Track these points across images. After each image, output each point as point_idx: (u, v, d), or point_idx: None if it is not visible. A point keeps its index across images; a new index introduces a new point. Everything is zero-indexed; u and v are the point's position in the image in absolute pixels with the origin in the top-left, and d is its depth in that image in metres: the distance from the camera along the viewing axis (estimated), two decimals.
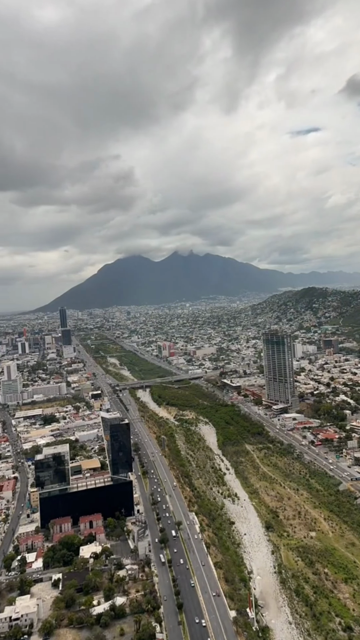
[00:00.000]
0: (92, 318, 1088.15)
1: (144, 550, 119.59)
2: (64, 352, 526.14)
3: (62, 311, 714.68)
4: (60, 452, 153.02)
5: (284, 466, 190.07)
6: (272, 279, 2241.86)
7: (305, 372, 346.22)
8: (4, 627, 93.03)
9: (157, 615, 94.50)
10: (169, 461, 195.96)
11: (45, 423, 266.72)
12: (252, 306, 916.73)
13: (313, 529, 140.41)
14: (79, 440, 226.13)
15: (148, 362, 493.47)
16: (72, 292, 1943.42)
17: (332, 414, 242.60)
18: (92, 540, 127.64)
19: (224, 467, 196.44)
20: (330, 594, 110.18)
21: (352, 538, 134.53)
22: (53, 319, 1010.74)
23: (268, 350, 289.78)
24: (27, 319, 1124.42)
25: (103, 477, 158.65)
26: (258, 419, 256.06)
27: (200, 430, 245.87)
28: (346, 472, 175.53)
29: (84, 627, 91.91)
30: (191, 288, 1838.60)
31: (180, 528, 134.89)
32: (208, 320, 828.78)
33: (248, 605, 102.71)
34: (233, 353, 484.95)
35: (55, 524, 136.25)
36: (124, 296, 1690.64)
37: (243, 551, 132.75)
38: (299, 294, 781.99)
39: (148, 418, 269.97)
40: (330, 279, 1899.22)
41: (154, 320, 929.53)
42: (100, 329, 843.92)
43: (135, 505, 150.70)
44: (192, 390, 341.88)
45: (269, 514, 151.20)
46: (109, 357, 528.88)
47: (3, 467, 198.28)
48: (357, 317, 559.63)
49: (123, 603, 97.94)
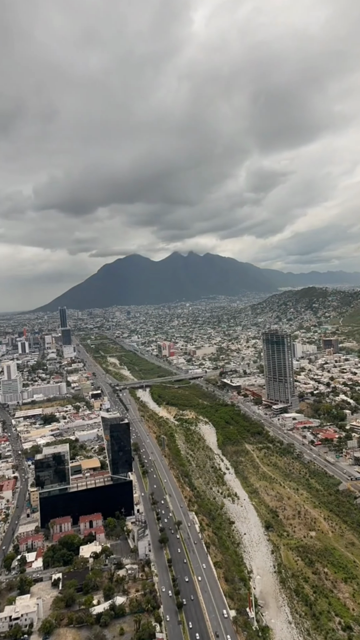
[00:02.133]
0: (92, 318, 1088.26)
1: (143, 549, 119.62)
2: (64, 352, 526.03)
3: (62, 311, 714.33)
4: (60, 452, 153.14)
5: (283, 466, 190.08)
6: (272, 278, 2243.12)
7: (305, 371, 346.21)
8: (4, 627, 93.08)
9: (157, 614, 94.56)
10: (169, 461, 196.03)
11: (45, 423, 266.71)
12: (252, 306, 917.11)
13: (313, 528, 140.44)
14: (79, 440, 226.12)
15: (148, 362, 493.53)
16: (72, 292, 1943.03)
17: (332, 414, 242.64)
18: (92, 540, 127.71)
19: (223, 466, 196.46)
20: (330, 594, 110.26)
21: (351, 538, 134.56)
22: (53, 318, 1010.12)
23: (268, 350, 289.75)
24: (27, 319, 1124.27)
25: (103, 476, 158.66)
26: (258, 418, 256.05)
27: (200, 430, 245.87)
28: (346, 472, 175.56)
29: (83, 627, 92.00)
30: (191, 288, 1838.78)
31: (180, 528, 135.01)
32: (208, 320, 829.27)
33: (248, 605, 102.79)
34: (233, 353, 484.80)
35: (55, 523, 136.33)
36: (124, 296, 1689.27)
37: (243, 551, 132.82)
38: (299, 294, 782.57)
39: (148, 418, 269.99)
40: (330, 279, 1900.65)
41: (154, 320, 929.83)
42: (100, 329, 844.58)
43: (135, 505, 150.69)
44: (192, 390, 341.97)
45: (268, 514, 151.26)
46: (109, 357, 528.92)
47: (3, 467, 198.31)
48: (357, 317, 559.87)
49: (123, 602, 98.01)
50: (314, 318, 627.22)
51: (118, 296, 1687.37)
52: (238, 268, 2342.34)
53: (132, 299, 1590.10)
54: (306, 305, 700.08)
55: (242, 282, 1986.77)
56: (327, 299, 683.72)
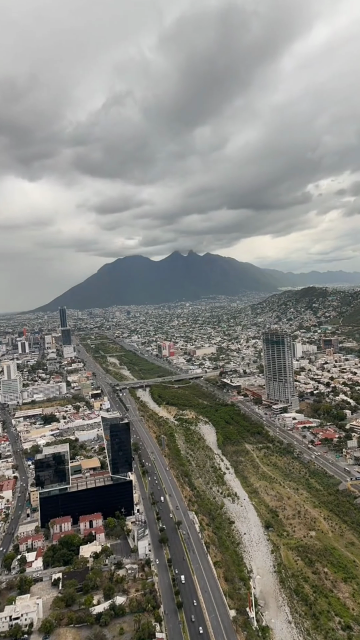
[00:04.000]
0: (92, 318, 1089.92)
1: (143, 549, 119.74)
2: (64, 352, 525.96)
3: (62, 311, 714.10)
4: (60, 452, 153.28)
5: (283, 466, 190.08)
6: (272, 278, 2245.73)
7: (305, 371, 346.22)
8: (4, 627, 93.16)
9: (157, 614, 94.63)
10: (169, 461, 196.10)
11: (45, 423, 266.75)
12: (252, 306, 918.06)
13: (313, 528, 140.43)
14: (79, 439, 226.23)
15: (148, 362, 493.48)
16: (72, 291, 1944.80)
17: (331, 414, 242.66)
18: (92, 540, 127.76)
19: (223, 466, 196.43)
20: (329, 593, 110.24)
21: (351, 537, 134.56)
22: (53, 318, 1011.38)
23: (268, 350, 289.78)
24: (27, 319, 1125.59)
25: (103, 476, 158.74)
26: (258, 418, 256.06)
27: (200, 430, 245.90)
28: (346, 472, 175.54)
29: (83, 626, 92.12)
30: (191, 288, 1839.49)
31: (180, 527, 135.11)
32: (208, 319, 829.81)
33: (248, 605, 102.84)
34: (233, 353, 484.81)
35: (55, 523, 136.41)
36: (124, 296, 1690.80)
37: (243, 550, 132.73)
38: (299, 294, 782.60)
39: (148, 418, 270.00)
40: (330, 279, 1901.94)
41: (154, 319, 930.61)
42: (100, 329, 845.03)
43: (135, 505, 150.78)
44: (192, 390, 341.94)
45: (268, 514, 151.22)
46: (109, 357, 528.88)
47: (3, 467, 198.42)
48: (357, 316, 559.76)
49: (123, 602, 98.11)
50: (314, 318, 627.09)
51: (118, 296, 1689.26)
52: (238, 268, 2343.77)
53: (132, 299, 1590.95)
54: (306, 305, 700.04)
55: (242, 282, 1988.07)
56: (327, 299, 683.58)
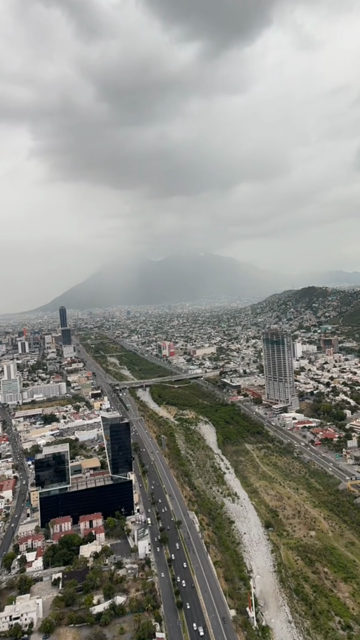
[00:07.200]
0: (92, 317, 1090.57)
1: (143, 549, 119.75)
2: (64, 352, 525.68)
3: (62, 310, 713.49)
4: (60, 452, 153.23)
5: (283, 465, 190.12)
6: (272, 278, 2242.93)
7: (305, 371, 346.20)
8: (4, 626, 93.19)
9: (157, 614, 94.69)
10: (169, 460, 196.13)
11: (45, 422, 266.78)
12: (252, 306, 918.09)
13: (313, 528, 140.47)
14: (79, 439, 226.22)
15: (148, 362, 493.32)
16: (72, 291, 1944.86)
17: (331, 414, 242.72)
18: (92, 540, 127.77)
19: (223, 466, 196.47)
20: (329, 593, 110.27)
21: (351, 537, 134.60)
22: (53, 318, 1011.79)
23: (268, 350, 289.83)
24: (27, 319, 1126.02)
25: (103, 476, 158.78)
26: (258, 418, 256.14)
27: (200, 430, 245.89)
28: (346, 472, 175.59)
29: (84, 626, 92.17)
30: (191, 288, 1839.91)
31: (180, 527, 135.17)
32: (208, 319, 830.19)
33: (248, 604, 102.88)
34: (233, 352, 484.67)
35: (55, 523, 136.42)
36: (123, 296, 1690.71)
37: (243, 550, 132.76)
38: (299, 294, 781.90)
39: (148, 417, 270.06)
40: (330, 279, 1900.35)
41: (153, 319, 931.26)
42: (100, 329, 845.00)
43: (135, 505, 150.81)
44: (192, 390, 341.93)
45: (268, 513, 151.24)
46: (109, 357, 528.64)
47: (3, 467, 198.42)
48: (357, 316, 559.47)
49: (123, 602, 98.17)
50: (314, 318, 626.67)
51: (118, 296, 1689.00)
52: (238, 268, 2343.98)
53: (132, 298, 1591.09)
54: (306, 305, 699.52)
55: (242, 282, 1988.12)
56: (327, 299, 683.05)
